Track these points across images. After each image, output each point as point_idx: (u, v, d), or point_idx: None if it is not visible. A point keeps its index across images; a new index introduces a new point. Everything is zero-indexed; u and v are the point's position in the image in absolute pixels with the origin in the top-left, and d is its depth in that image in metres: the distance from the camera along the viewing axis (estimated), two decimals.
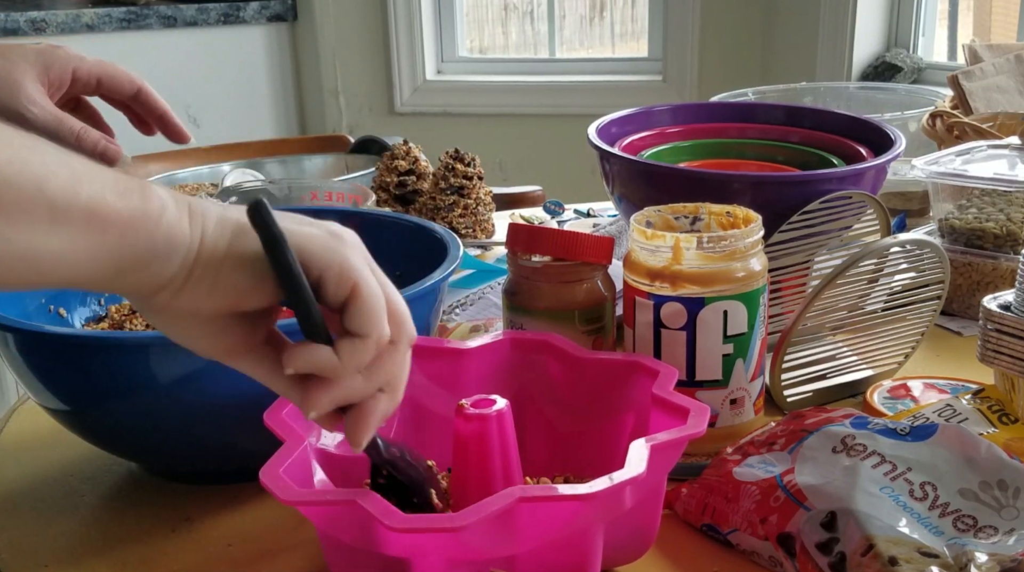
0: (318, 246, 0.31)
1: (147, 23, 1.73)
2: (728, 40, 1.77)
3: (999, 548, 0.38)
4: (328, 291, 0.32)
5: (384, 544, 0.35)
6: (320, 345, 0.32)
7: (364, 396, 0.33)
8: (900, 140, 0.66)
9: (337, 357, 0.32)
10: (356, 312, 0.32)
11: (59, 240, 0.27)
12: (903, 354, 0.61)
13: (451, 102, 1.91)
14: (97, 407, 0.46)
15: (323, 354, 0.32)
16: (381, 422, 0.34)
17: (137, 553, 0.45)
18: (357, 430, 0.33)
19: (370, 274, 0.32)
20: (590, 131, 0.69)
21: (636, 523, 0.40)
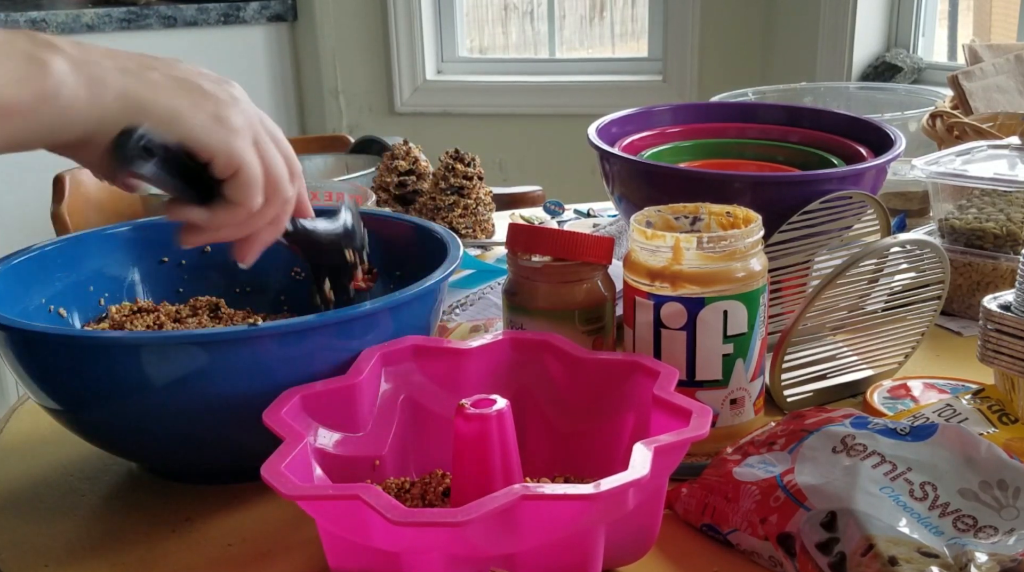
0: (205, 138, 0.37)
1: (147, 23, 1.73)
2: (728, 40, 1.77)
3: (999, 548, 0.38)
4: (214, 172, 0.38)
5: (385, 539, 0.35)
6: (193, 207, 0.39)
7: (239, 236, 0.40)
8: (900, 140, 0.66)
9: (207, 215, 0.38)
10: (233, 188, 0.38)
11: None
12: (903, 354, 0.61)
13: (451, 102, 1.91)
14: (97, 407, 0.46)
15: (195, 213, 0.38)
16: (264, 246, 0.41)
17: (137, 553, 0.45)
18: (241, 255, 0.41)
19: (251, 155, 0.38)
20: (590, 131, 0.69)
21: (637, 524, 0.40)
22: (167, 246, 0.59)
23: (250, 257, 0.42)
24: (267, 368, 0.44)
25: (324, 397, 0.43)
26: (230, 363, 0.43)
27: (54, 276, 0.54)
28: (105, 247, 0.57)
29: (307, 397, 0.43)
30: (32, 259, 0.53)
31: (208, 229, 0.39)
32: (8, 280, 0.51)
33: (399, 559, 0.36)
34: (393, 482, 0.44)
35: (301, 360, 0.44)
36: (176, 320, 0.56)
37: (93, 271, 0.57)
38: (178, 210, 0.39)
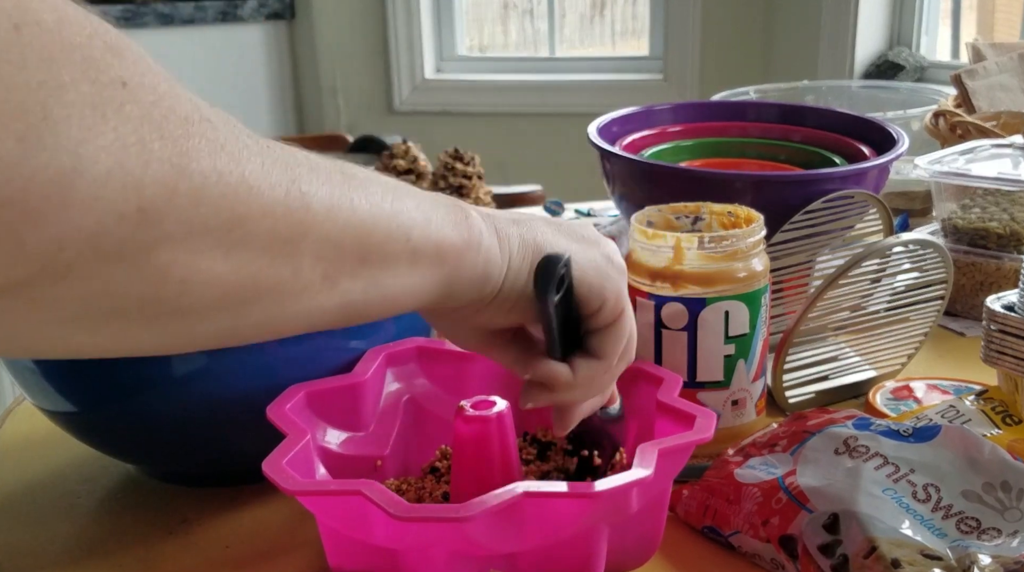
0: (598, 279, 0.35)
1: (144, 21, 1.72)
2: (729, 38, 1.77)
3: (1002, 550, 0.38)
4: (597, 319, 0.35)
5: (387, 535, 0.35)
6: (559, 364, 0.36)
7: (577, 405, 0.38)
8: (903, 139, 0.65)
9: (571, 373, 0.36)
10: (607, 339, 0.36)
11: (413, 278, 0.30)
12: (906, 355, 0.60)
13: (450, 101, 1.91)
14: (93, 409, 0.46)
15: (561, 372, 0.35)
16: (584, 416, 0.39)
17: (134, 555, 0.45)
18: (563, 424, 0.38)
19: (629, 303, 0.36)
20: (590, 130, 0.68)
21: (641, 529, 0.40)
22: None
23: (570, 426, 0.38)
24: (268, 369, 0.43)
25: (329, 394, 0.43)
26: (230, 364, 0.43)
27: None
28: None
29: (312, 394, 0.42)
30: None
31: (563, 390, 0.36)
32: None
33: (400, 558, 0.36)
34: (392, 483, 0.44)
35: (302, 361, 0.44)
36: None
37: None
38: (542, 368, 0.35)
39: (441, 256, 0.31)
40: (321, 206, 0.27)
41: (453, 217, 0.32)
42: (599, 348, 0.36)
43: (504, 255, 0.33)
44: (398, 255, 0.29)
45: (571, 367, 0.36)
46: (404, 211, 0.30)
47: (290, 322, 0.28)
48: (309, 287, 0.27)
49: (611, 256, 0.36)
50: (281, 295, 0.27)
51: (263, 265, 0.26)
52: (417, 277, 0.30)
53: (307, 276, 0.27)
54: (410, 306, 0.31)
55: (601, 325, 0.36)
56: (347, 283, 0.28)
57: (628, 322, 0.36)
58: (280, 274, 0.26)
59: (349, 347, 0.45)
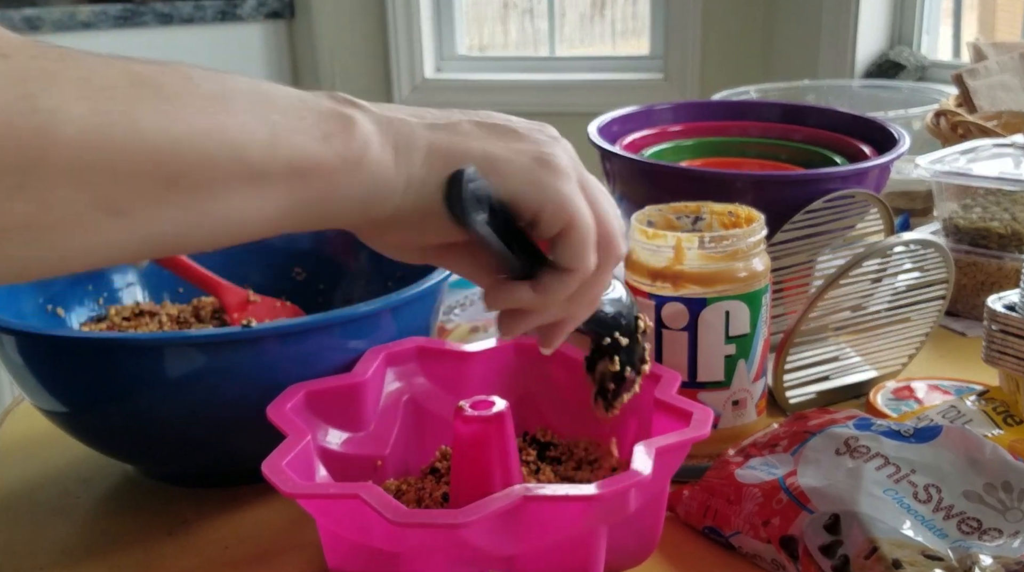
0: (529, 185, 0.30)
1: (143, 20, 1.72)
2: (730, 38, 1.76)
3: (1004, 551, 0.37)
4: (541, 229, 0.30)
5: (385, 539, 0.35)
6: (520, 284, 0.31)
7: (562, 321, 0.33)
8: (904, 139, 0.65)
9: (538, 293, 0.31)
10: (566, 247, 0.31)
11: (258, 202, 0.26)
12: (907, 355, 0.60)
13: (450, 100, 1.90)
14: (92, 410, 0.46)
15: (525, 293, 0.31)
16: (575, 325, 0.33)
17: (134, 556, 0.45)
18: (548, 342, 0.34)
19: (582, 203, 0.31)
20: (591, 130, 0.68)
21: (639, 527, 0.40)
22: None
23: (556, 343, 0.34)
24: (267, 369, 0.43)
25: (329, 394, 0.43)
26: (229, 365, 0.43)
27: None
28: None
29: (312, 393, 0.42)
30: None
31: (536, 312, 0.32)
32: None
33: (399, 560, 0.36)
34: (392, 484, 0.44)
35: (301, 361, 0.44)
36: (179, 322, 0.56)
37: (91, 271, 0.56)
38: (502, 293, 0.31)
39: (300, 175, 0.26)
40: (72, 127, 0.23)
41: (326, 128, 0.27)
42: (561, 258, 0.31)
43: (401, 169, 0.28)
44: (228, 178, 0.25)
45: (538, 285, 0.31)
46: (235, 127, 0.26)
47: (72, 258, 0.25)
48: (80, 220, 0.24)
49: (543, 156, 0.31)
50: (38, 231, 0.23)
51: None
52: (262, 201, 0.26)
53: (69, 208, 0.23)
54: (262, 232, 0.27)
55: (551, 232, 0.31)
56: (149, 213, 0.25)
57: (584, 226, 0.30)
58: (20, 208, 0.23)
59: (349, 347, 0.45)
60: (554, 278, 0.31)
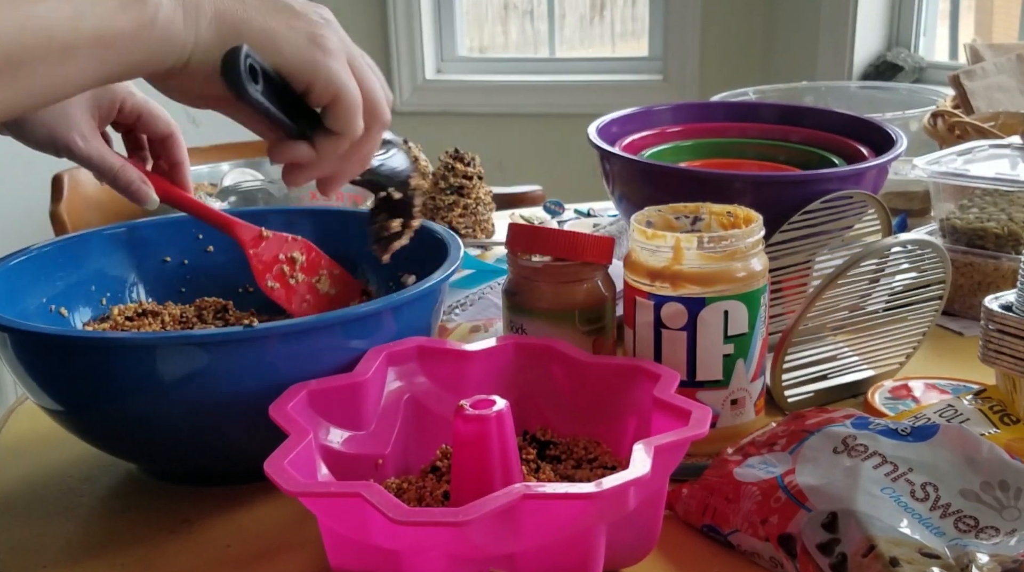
0: (302, 62, 0.35)
1: None
2: (729, 39, 1.77)
3: (1000, 549, 0.38)
4: (312, 100, 0.36)
5: (386, 538, 0.35)
6: (299, 143, 0.37)
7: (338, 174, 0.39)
8: (901, 140, 0.65)
9: (311, 151, 0.37)
10: (335, 116, 0.36)
11: (70, 69, 0.31)
12: (904, 354, 0.60)
13: (451, 102, 1.91)
14: (95, 408, 0.46)
15: (302, 150, 0.37)
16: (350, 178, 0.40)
17: (135, 554, 0.45)
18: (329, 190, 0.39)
19: (349, 77, 0.36)
20: (590, 131, 0.69)
21: (638, 525, 0.40)
22: (168, 245, 0.59)
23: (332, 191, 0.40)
24: (268, 369, 0.44)
25: (330, 393, 0.43)
26: (230, 364, 0.43)
27: (55, 276, 0.54)
28: (106, 247, 0.57)
29: (313, 393, 0.43)
30: (32, 259, 0.53)
31: (312, 166, 0.38)
32: (8, 280, 0.51)
33: (400, 558, 0.36)
34: (393, 482, 0.44)
35: (302, 360, 0.44)
36: (182, 322, 0.56)
37: (94, 271, 0.56)
38: (282, 149, 0.37)
39: (103, 44, 0.31)
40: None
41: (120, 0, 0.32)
42: (331, 124, 0.37)
43: (190, 29, 0.33)
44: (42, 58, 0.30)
45: (314, 144, 0.37)
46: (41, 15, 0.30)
47: None
48: None
49: (316, 36, 0.36)
50: None
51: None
52: (77, 68, 0.31)
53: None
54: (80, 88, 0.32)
55: (321, 103, 0.36)
56: None
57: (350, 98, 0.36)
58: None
59: (350, 346, 0.45)
60: (327, 139, 0.37)
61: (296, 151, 0.37)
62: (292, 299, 0.55)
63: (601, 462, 0.45)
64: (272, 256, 0.54)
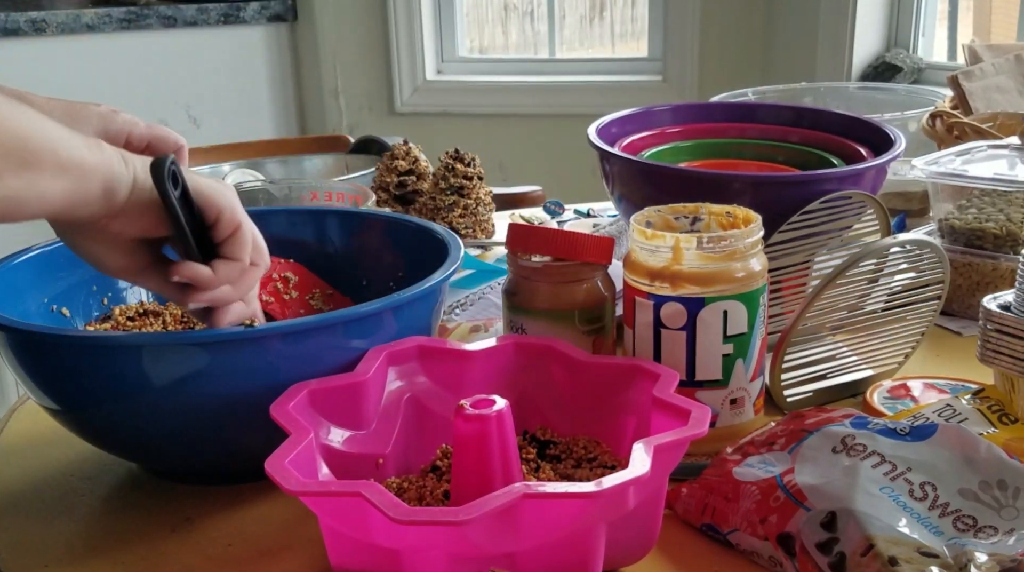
0: (216, 194, 0.43)
1: (147, 23, 1.73)
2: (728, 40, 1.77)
3: (999, 548, 0.38)
4: (219, 228, 0.44)
5: (387, 537, 0.35)
6: (200, 265, 0.44)
7: (229, 301, 0.45)
8: (900, 140, 0.66)
9: (211, 272, 0.44)
10: (234, 243, 0.44)
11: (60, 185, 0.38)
12: (903, 354, 0.61)
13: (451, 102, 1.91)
14: (96, 408, 0.46)
15: (200, 268, 0.44)
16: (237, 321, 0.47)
17: (137, 553, 0.45)
18: (217, 322, 0.46)
19: (246, 215, 0.45)
20: (590, 131, 0.69)
21: (638, 524, 0.41)
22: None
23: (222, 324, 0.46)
24: (269, 369, 0.44)
25: (331, 393, 0.43)
26: (231, 364, 0.43)
27: (56, 276, 0.54)
28: None
29: (314, 392, 0.43)
30: (33, 259, 0.53)
31: (209, 287, 0.44)
32: (9, 280, 0.51)
33: (401, 557, 0.36)
34: (393, 482, 0.44)
35: (303, 360, 0.44)
36: (183, 323, 0.56)
37: (95, 271, 0.56)
38: (184, 268, 0.43)
39: (82, 171, 0.39)
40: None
41: (90, 142, 0.40)
42: (231, 252, 0.44)
43: (129, 171, 0.41)
44: (49, 165, 0.38)
45: (212, 269, 0.44)
46: (52, 131, 0.38)
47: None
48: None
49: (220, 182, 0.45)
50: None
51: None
52: (63, 184, 0.38)
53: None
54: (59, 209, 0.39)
55: (225, 234, 0.44)
56: (9, 181, 0.37)
57: (248, 231, 0.44)
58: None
59: (351, 346, 0.46)
60: (224, 264, 0.44)
61: (198, 268, 0.43)
62: (287, 314, 0.55)
63: (601, 462, 0.45)
64: (266, 275, 0.56)
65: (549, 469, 0.44)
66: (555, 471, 0.45)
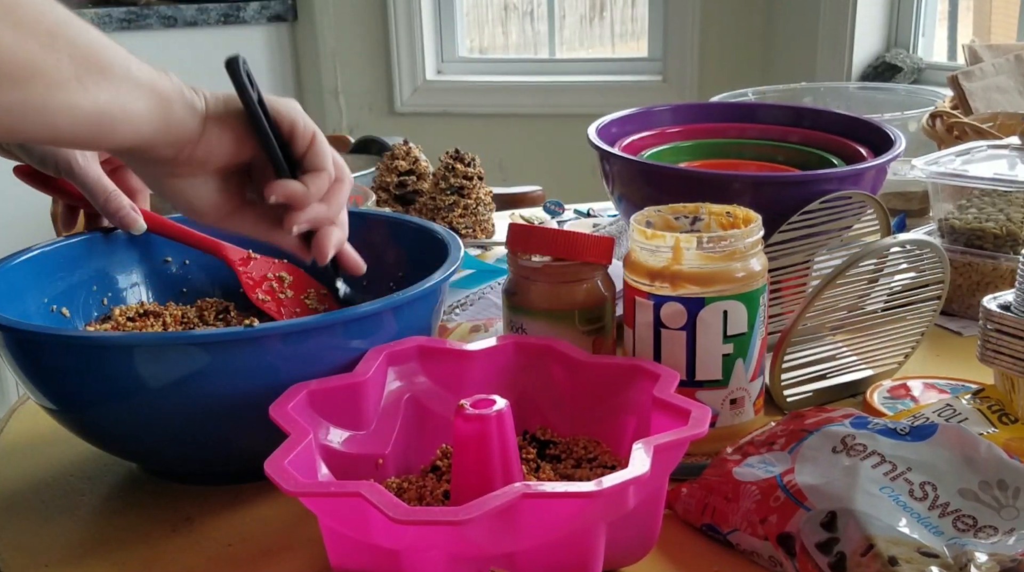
0: (285, 106, 0.44)
1: (147, 23, 1.73)
2: (728, 40, 1.77)
3: (999, 548, 0.38)
4: (296, 138, 0.43)
5: (386, 537, 0.35)
6: (292, 181, 0.43)
7: (326, 220, 0.45)
8: (900, 140, 0.66)
9: (305, 187, 0.43)
10: (315, 153, 0.44)
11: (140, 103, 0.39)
12: (903, 354, 0.61)
13: (451, 102, 1.91)
14: (94, 409, 0.46)
15: (295, 184, 0.43)
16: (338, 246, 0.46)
17: (137, 553, 0.45)
18: (323, 248, 0.45)
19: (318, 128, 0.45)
20: (590, 131, 0.69)
21: (638, 524, 0.41)
22: (170, 246, 0.59)
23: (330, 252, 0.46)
24: (269, 369, 0.44)
25: (331, 393, 0.43)
26: (231, 364, 0.43)
27: (55, 276, 0.54)
28: (107, 247, 0.57)
29: (314, 393, 0.43)
30: (33, 259, 0.53)
31: (305, 203, 0.43)
32: (9, 280, 0.51)
33: (400, 558, 0.36)
34: (393, 482, 0.44)
35: (303, 361, 0.44)
36: (183, 323, 0.56)
37: (95, 271, 0.57)
38: (278, 185, 0.42)
39: (157, 93, 0.39)
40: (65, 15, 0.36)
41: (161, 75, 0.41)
42: (315, 163, 0.44)
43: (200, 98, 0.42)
44: (125, 79, 0.38)
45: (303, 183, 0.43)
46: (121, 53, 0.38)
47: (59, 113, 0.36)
48: (67, 83, 0.36)
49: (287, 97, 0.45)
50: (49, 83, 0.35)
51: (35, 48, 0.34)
52: (143, 103, 0.39)
53: (65, 72, 0.35)
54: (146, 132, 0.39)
55: (304, 146, 0.44)
56: (95, 90, 0.36)
57: (323, 140, 0.44)
58: (47, 61, 0.35)
59: (351, 346, 0.46)
60: (312, 176, 0.44)
61: (293, 184, 0.43)
62: (283, 312, 0.56)
63: (601, 461, 0.45)
64: (261, 275, 0.56)
65: (549, 469, 0.45)
66: (555, 471, 0.45)
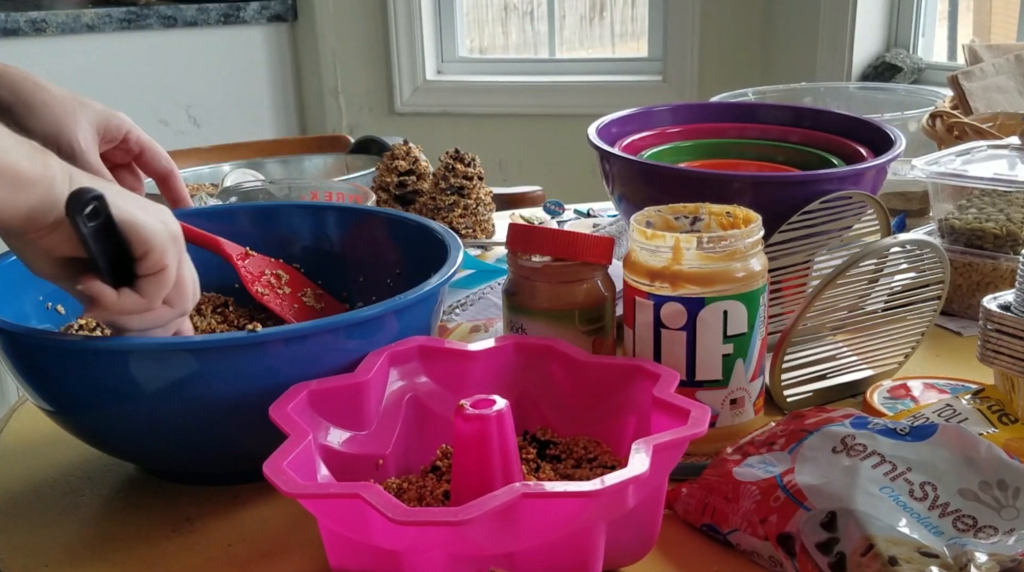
0: (150, 233, 0.42)
1: (147, 23, 1.73)
2: (728, 40, 1.77)
3: (999, 548, 0.38)
4: (142, 264, 0.42)
5: (386, 538, 0.35)
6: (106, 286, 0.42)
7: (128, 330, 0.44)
8: (900, 140, 0.66)
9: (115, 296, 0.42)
10: (149, 283, 0.43)
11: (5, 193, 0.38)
12: (903, 354, 0.61)
13: (451, 102, 1.91)
14: (93, 410, 0.46)
15: (104, 291, 0.42)
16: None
17: (137, 554, 0.45)
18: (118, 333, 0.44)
19: (175, 261, 0.43)
20: (590, 131, 0.69)
21: (638, 524, 0.41)
22: None
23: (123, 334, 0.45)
24: (270, 369, 0.44)
25: (331, 394, 0.43)
26: (231, 367, 0.43)
27: None
28: None
29: (314, 393, 0.43)
30: None
31: (110, 310, 0.43)
32: (5, 277, 0.51)
33: (400, 558, 0.36)
34: (393, 482, 0.44)
35: (303, 363, 0.44)
36: None
37: None
38: (91, 283, 0.42)
39: (17, 181, 0.38)
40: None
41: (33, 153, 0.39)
42: (142, 289, 0.43)
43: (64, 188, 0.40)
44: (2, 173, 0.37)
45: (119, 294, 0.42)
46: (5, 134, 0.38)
47: None
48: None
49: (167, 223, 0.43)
50: None
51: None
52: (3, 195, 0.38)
53: None
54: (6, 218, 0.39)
55: (147, 272, 0.42)
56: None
57: (169, 277, 0.43)
58: None
59: (351, 349, 0.46)
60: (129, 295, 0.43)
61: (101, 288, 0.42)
62: (282, 306, 0.56)
63: (601, 461, 0.45)
64: (259, 271, 0.56)
65: (549, 469, 0.45)
66: (555, 471, 0.45)
